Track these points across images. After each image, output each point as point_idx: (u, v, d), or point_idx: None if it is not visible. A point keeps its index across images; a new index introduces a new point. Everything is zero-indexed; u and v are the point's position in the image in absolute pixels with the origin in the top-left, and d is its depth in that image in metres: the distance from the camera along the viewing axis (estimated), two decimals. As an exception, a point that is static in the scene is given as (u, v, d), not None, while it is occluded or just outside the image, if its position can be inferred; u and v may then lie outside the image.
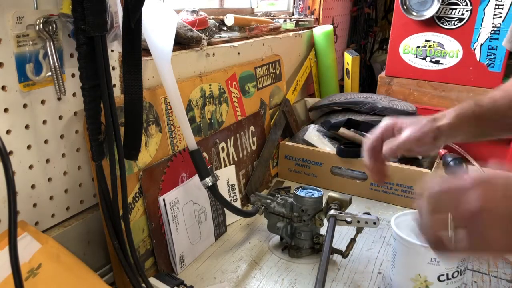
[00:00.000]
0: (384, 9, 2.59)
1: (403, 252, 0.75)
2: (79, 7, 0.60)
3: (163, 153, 0.87)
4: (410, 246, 0.73)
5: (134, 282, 0.73)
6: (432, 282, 0.71)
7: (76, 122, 0.73)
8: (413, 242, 0.72)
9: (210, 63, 1.05)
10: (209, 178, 0.84)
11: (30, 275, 0.58)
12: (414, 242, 0.71)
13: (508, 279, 0.87)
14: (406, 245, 0.74)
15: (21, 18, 0.60)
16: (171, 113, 0.89)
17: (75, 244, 0.74)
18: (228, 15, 1.24)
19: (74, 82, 0.71)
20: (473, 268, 0.90)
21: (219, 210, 1.00)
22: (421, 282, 0.72)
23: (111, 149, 0.70)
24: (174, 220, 0.86)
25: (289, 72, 1.55)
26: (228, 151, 1.08)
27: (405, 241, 0.73)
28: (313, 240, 0.93)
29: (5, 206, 0.63)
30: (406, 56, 1.64)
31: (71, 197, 0.75)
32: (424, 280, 0.72)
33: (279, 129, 1.31)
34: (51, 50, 0.63)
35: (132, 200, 0.79)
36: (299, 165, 1.28)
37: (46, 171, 0.69)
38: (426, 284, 0.72)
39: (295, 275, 0.87)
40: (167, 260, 0.86)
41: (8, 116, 0.62)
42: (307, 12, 1.85)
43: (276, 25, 1.43)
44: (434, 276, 0.71)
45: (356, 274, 0.88)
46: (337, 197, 0.90)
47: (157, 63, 0.78)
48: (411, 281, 0.74)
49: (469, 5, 1.50)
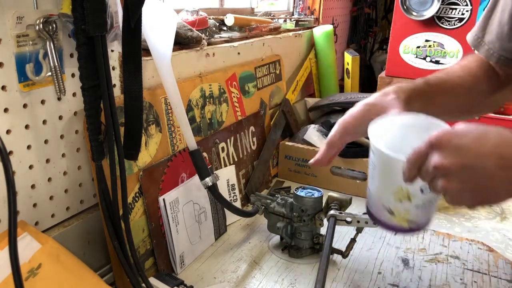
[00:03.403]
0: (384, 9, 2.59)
1: (384, 166, 0.68)
2: (79, 7, 0.60)
3: (163, 153, 0.87)
4: (391, 161, 0.66)
5: (134, 282, 0.73)
6: (415, 194, 0.66)
7: (76, 122, 0.73)
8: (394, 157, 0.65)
9: (210, 63, 1.05)
10: (209, 178, 0.84)
11: (30, 275, 0.58)
12: (396, 158, 0.64)
13: (508, 279, 0.87)
14: (387, 160, 0.67)
15: (21, 18, 0.60)
16: (171, 113, 0.89)
17: (75, 244, 0.74)
18: (228, 15, 1.24)
19: (74, 82, 0.71)
20: (473, 268, 0.90)
21: (219, 210, 1.00)
22: (403, 195, 0.68)
23: (111, 149, 0.70)
24: (174, 220, 0.86)
25: (289, 72, 1.55)
26: (228, 151, 1.08)
27: (385, 155, 0.66)
28: (313, 240, 0.93)
29: (5, 206, 0.63)
30: (406, 56, 1.64)
31: (71, 197, 0.75)
32: (407, 192, 0.67)
33: (279, 129, 1.31)
34: (51, 50, 0.63)
35: (132, 200, 0.79)
36: (299, 165, 1.28)
37: (46, 171, 0.69)
38: (408, 196, 0.67)
39: (295, 275, 0.87)
40: (167, 260, 0.86)
41: (8, 116, 0.62)
42: (307, 12, 1.85)
43: (276, 25, 1.43)
44: (416, 188, 0.66)
45: (356, 274, 0.88)
46: (337, 197, 0.90)
47: (157, 63, 0.78)
48: (392, 194, 0.69)
49: (469, 5, 1.50)
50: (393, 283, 0.85)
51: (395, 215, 0.69)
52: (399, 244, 0.98)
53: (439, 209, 1.17)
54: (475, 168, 0.51)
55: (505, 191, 0.53)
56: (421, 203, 0.67)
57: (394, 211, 0.69)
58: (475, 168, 0.51)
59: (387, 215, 0.71)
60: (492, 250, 0.97)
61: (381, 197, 0.71)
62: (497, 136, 0.52)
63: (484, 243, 0.99)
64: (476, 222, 1.10)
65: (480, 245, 0.99)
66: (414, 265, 0.91)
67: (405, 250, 0.96)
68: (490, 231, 1.06)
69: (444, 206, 1.19)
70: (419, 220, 0.69)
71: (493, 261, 0.93)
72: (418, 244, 0.98)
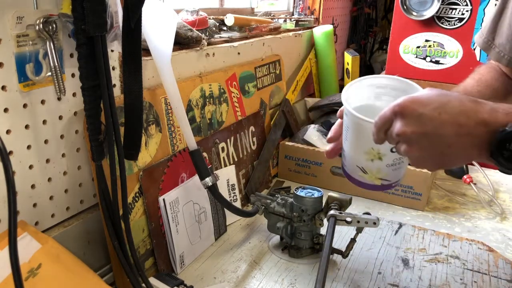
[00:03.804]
0: (384, 9, 2.59)
1: (356, 128, 0.72)
2: (79, 7, 0.60)
3: (163, 153, 0.87)
4: (361, 123, 0.69)
5: (134, 282, 0.73)
6: (385, 154, 0.70)
7: (76, 122, 0.73)
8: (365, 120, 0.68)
9: (210, 63, 1.05)
10: (209, 178, 0.84)
11: (30, 275, 0.58)
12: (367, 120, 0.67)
13: (508, 279, 0.87)
14: (358, 122, 0.70)
15: (21, 18, 0.60)
16: (171, 113, 0.89)
17: (75, 244, 0.74)
18: (228, 15, 1.24)
19: (74, 82, 0.71)
20: (473, 268, 0.90)
21: (219, 210, 1.00)
22: (374, 155, 0.72)
23: (111, 149, 0.70)
24: (174, 220, 0.86)
25: (289, 72, 1.55)
26: (228, 151, 1.08)
27: (357, 118, 0.69)
28: (313, 240, 0.93)
29: (5, 206, 0.63)
30: (406, 56, 1.64)
31: (71, 197, 0.75)
32: (377, 152, 0.71)
33: (279, 129, 1.31)
34: (51, 50, 0.63)
35: (132, 200, 0.79)
36: (299, 165, 1.28)
37: (46, 171, 0.69)
38: (379, 156, 0.71)
39: (295, 275, 0.87)
40: (167, 260, 0.86)
41: (8, 116, 0.62)
42: (307, 12, 1.85)
43: (276, 25, 1.43)
44: (387, 148, 0.70)
45: (356, 274, 0.88)
46: (337, 197, 0.90)
47: (157, 63, 0.78)
48: (364, 154, 0.72)
49: (469, 5, 1.50)
50: (393, 283, 0.85)
51: (368, 173, 0.73)
52: (399, 244, 0.98)
53: (439, 209, 1.17)
54: (434, 136, 0.54)
55: (462, 157, 0.56)
56: (392, 163, 0.71)
57: (367, 169, 0.73)
58: (435, 136, 0.54)
59: (360, 174, 0.75)
60: (492, 250, 0.97)
61: (355, 157, 0.74)
62: (458, 105, 0.54)
63: (484, 243, 0.99)
64: (476, 222, 1.10)
65: (480, 245, 0.99)
66: (414, 265, 0.91)
67: (405, 250, 0.96)
68: (490, 231, 1.06)
69: (444, 206, 1.19)
70: (390, 178, 0.73)
71: (493, 261, 0.93)
72: (418, 244, 0.98)
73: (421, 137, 0.55)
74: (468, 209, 1.17)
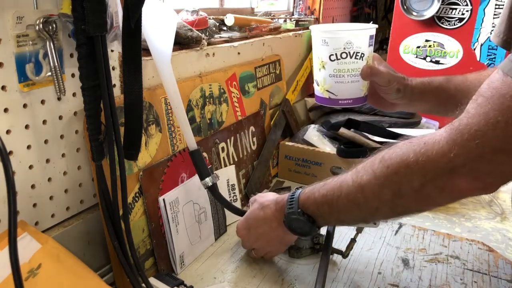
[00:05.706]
0: (384, 9, 2.59)
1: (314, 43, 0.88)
2: (79, 7, 0.60)
3: (163, 153, 0.87)
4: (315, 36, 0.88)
5: (134, 282, 0.73)
6: (326, 61, 0.85)
7: (76, 122, 0.73)
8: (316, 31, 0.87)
9: (210, 63, 1.05)
10: (209, 178, 0.84)
11: (30, 275, 0.58)
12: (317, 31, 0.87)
13: (508, 279, 0.87)
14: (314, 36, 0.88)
15: (21, 18, 0.60)
16: (171, 113, 0.89)
17: (75, 244, 0.74)
18: (228, 15, 1.24)
19: (74, 82, 0.71)
20: (473, 268, 0.90)
21: (219, 210, 1.00)
22: (320, 63, 0.87)
23: (111, 149, 0.70)
24: (174, 220, 0.86)
25: (289, 72, 1.55)
26: (228, 151, 1.08)
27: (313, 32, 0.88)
28: (313, 240, 0.93)
29: (5, 206, 0.63)
30: (406, 56, 1.64)
31: (71, 197, 0.75)
32: (321, 61, 0.87)
33: (279, 129, 1.31)
34: (51, 50, 0.63)
35: (132, 200, 0.79)
36: (299, 165, 1.28)
37: (46, 171, 0.69)
38: (322, 64, 0.87)
39: (295, 275, 0.87)
40: (167, 260, 0.86)
41: (8, 116, 0.62)
42: (307, 12, 1.85)
43: (276, 25, 1.43)
44: (326, 56, 0.85)
45: (356, 274, 0.88)
46: (337, 197, 0.90)
47: (157, 63, 0.78)
48: (316, 65, 0.89)
49: (469, 5, 1.50)
50: (393, 283, 0.85)
51: (319, 85, 0.90)
52: (399, 244, 0.98)
53: (439, 209, 1.17)
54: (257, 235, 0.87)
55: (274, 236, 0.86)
56: (332, 73, 0.86)
57: (318, 81, 0.90)
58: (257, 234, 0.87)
59: (316, 87, 0.91)
60: (492, 250, 0.97)
61: (314, 72, 0.91)
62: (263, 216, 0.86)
63: (484, 243, 0.99)
64: (476, 222, 1.10)
65: (480, 245, 0.99)
66: (414, 265, 0.91)
67: (405, 250, 0.96)
68: (490, 231, 1.06)
69: (444, 206, 1.19)
70: (334, 90, 0.88)
71: (493, 261, 0.93)
72: (418, 244, 0.98)
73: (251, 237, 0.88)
74: (468, 209, 1.17)
